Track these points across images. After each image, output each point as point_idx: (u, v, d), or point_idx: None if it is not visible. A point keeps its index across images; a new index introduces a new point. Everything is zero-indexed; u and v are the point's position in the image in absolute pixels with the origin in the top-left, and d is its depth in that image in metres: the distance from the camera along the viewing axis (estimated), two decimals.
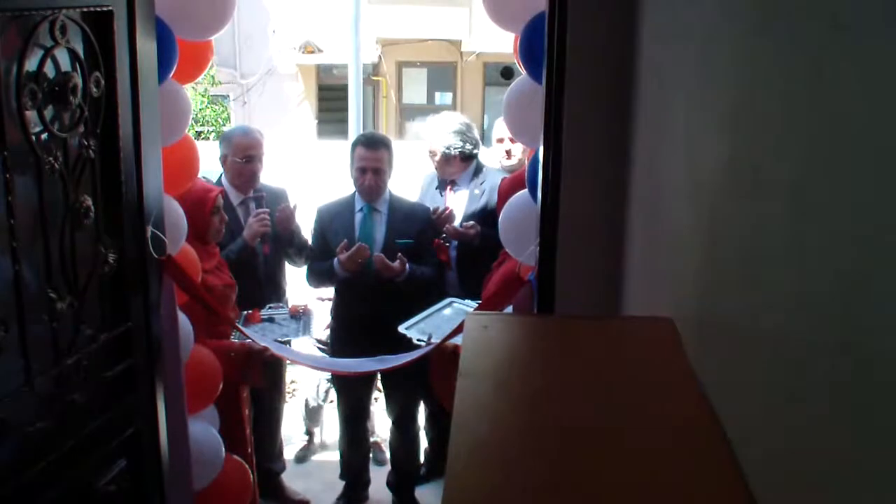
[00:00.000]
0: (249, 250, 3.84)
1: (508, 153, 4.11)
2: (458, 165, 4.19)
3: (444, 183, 4.26)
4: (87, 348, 2.18)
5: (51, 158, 1.96)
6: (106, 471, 2.30)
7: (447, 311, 3.69)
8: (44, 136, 1.96)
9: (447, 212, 4.06)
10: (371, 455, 4.47)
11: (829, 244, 0.89)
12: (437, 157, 4.19)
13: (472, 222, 4.01)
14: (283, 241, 4.01)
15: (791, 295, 1.00)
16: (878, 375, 0.76)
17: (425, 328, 3.54)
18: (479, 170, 4.22)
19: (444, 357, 3.30)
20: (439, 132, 4.18)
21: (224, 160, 3.96)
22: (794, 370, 0.98)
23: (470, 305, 3.69)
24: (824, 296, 0.89)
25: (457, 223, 4.07)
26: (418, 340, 3.46)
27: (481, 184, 4.15)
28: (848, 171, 0.84)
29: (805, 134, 0.98)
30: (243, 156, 3.90)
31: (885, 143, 0.75)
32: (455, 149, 4.15)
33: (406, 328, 3.54)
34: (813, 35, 0.97)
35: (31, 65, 1.89)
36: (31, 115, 1.89)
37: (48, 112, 1.97)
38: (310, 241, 4.10)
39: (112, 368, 2.33)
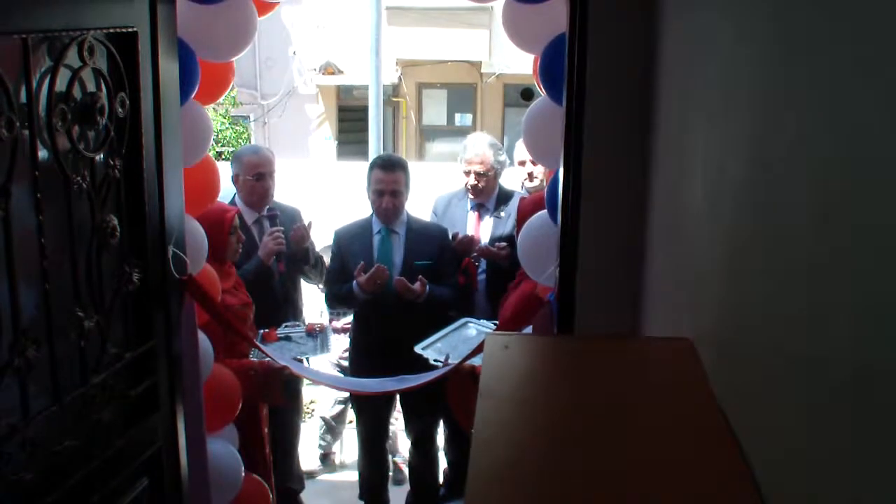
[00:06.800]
0: (265, 269, 3.86)
1: (531, 175, 4.10)
2: (495, 183, 4.19)
3: (479, 206, 4.23)
4: (113, 367, 2.20)
5: (79, 178, 1.99)
6: (129, 490, 2.31)
7: (464, 332, 3.68)
8: (71, 155, 1.98)
9: (468, 238, 4.05)
10: (390, 475, 4.46)
11: (852, 264, 0.89)
12: (488, 173, 4.13)
13: (503, 243, 3.99)
14: (297, 258, 4.03)
15: (813, 316, 1.00)
16: None
17: (442, 348, 3.53)
18: (504, 194, 4.22)
19: (460, 377, 3.30)
20: (490, 148, 4.16)
21: (236, 179, 4.00)
22: (817, 392, 0.98)
23: (487, 325, 3.68)
24: (847, 316, 0.89)
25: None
26: (435, 361, 3.46)
27: (507, 207, 4.14)
28: (870, 191, 0.85)
29: (826, 154, 0.98)
30: (254, 173, 3.94)
31: None
32: (504, 164, 4.18)
33: (422, 348, 3.53)
34: (834, 56, 0.97)
35: (60, 85, 1.92)
36: (59, 135, 1.92)
37: (75, 132, 1.99)
38: (328, 264, 4.11)
39: (135, 387, 2.35)
